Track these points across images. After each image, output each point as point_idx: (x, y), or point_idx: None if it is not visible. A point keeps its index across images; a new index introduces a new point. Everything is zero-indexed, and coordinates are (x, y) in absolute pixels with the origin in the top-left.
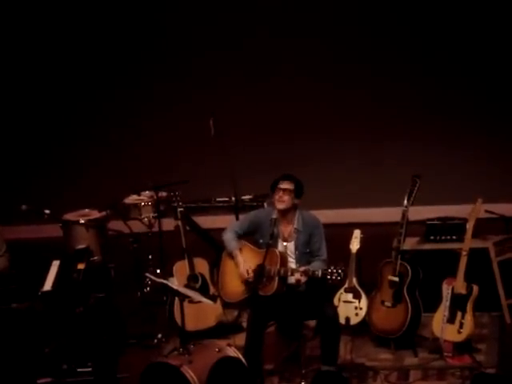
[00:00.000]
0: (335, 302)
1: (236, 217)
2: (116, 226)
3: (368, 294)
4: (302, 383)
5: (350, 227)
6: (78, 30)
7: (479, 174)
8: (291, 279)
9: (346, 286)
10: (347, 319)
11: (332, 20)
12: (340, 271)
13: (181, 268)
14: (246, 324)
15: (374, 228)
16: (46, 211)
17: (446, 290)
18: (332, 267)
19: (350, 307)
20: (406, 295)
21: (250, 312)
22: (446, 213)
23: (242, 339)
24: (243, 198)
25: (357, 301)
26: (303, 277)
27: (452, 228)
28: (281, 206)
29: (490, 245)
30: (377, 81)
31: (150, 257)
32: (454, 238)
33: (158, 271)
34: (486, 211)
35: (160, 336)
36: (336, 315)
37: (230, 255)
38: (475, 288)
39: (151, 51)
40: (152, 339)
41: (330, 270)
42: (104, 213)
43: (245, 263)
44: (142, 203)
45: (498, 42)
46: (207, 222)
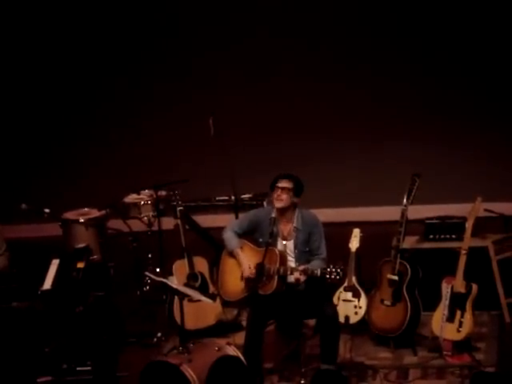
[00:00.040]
0: (335, 300)
1: (236, 216)
2: (115, 224)
3: (367, 293)
4: (302, 382)
5: (349, 226)
6: (78, 30)
7: (478, 173)
8: (291, 278)
9: (346, 284)
10: (347, 318)
11: (332, 20)
12: (339, 270)
13: (180, 267)
14: (245, 323)
15: (373, 227)
16: (46, 210)
17: (446, 289)
18: (331, 266)
19: (350, 306)
20: (406, 294)
21: (249, 311)
22: (446, 212)
23: (241, 338)
24: (243, 196)
25: (356, 299)
26: (302, 276)
27: (451, 227)
28: (279, 205)
29: (489, 243)
30: (377, 81)
31: (150, 256)
32: (454, 236)
33: (158, 270)
34: (486, 210)
35: (159, 335)
36: (335, 314)
37: (231, 254)
38: (474, 287)
39: (151, 51)
40: (151, 338)
41: (329, 269)
42: (103, 212)
43: (246, 260)
44: (142, 202)
45: (498, 41)
46: (207, 220)
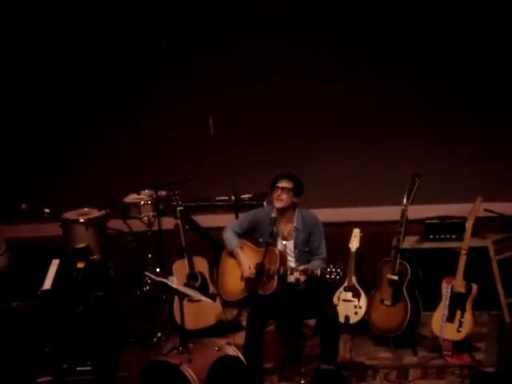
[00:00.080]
0: (335, 300)
1: (236, 216)
2: (115, 224)
3: (367, 293)
4: (302, 382)
5: (349, 226)
6: (78, 31)
7: (478, 173)
8: (290, 278)
9: (346, 284)
10: (347, 318)
11: (332, 20)
12: (339, 270)
13: (180, 267)
14: (245, 323)
15: (373, 227)
16: (46, 210)
17: (446, 289)
18: (331, 266)
19: (350, 306)
20: (406, 294)
21: (249, 311)
22: (446, 212)
23: (241, 338)
24: (243, 196)
25: (356, 299)
26: (302, 276)
27: (451, 227)
28: (279, 205)
29: (489, 243)
30: (377, 81)
31: (150, 256)
32: (454, 236)
33: (158, 270)
34: (486, 210)
35: (159, 335)
36: (335, 314)
37: (231, 254)
38: (474, 287)
39: (151, 51)
40: (151, 338)
41: (329, 269)
42: (103, 212)
43: (246, 260)
44: (142, 202)
45: (498, 41)
46: (207, 220)
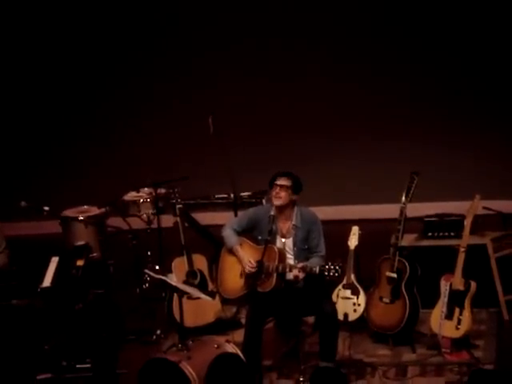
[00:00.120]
0: (333, 298)
1: (235, 213)
2: (115, 222)
3: (366, 291)
4: (301, 379)
5: (348, 224)
6: (77, 30)
7: (477, 171)
8: (289, 275)
9: (345, 282)
10: (345, 315)
11: (332, 20)
12: (338, 267)
13: (180, 264)
14: (244, 320)
15: (372, 225)
16: (45, 208)
17: (444, 287)
18: (330, 263)
19: (349, 303)
20: (404, 291)
21: (248, 308)
22: (444, 209)
23: (240, 335)
24: (242, 194)
25: (355, 297)
26: (301, 273)
27: (450, 224)
28: (277, 202)
29: (487, 241)
30: (376, 80)
31: (149, 253)
32: (452, 234)
33: (157, 267)
34: (484, 208)
35: (159, 332)
36: (334, 311)
37: (230, 251)
38: (473, 284)
39: (151, 51)
40: (151, 335)
41: (327, 267)
42: (103, 209)
43: (246, 256)
44: (141, 200)
45: (498, 41)
46: (206, 218)
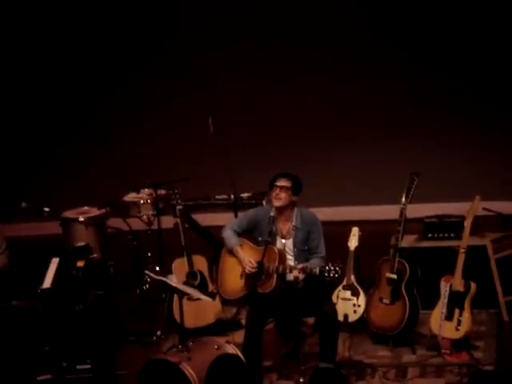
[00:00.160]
0: (334, 299)
1: (235, 214)
2: (115, 223)
3: (366, 292)
4: (301, 380)
5: (348, 225)
6: (77, 30)
7: (477, 172)
8: (289, 276)
9: (345, 283)
10: (345, 316)
11: (332, 20)
12: (338, 268)
13: (180, 265)
14: (244, 321)
15: (372, 226)
16: (46, 209)
17: (444, 288)
18: (330, 264)
19: (349, 304)
20: (404, 292)
21: (248, 309)
22: (444, 210)
23: (240, 336)
24: (242, 195)
25: (355, 298)
26: (301, 274)
27: (450, 225)
28: (277, 204)
29: (487, 242)
30: (376, 80)
31: (149, 254)
32: (452, 235)
33: (157, 268)
34: (484, 209)
35: (159, 333)
36: (334, 312)
37: (230, 252)
38: (473, 285)
39: (151, 51)
40: (151, 336)
41: (327, 268)
42: (103, 210)
43: (247, 257)
44: (142, 201)
45: (498, 41)
46: (206, 219)
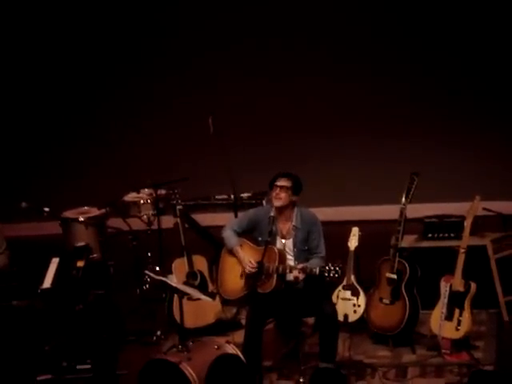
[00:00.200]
0: (334, 299)
1: (235, 214)
2: (115, 223)
3: (366, 292)
4: (301, 380)
5: (348, 225)
6: (77, 30)
7: (477, 172)
8: (289, 276)
9: (345, 283)
10: (345, 316)
11: (332, 19)
12: (338, 268)
13: (180, 265)
14: (244, 321)
15: (372, 225)
16: (46, 209)
17: (444, 288)
18: (330, 264)
19: (349, 304)
20: (404, 292)
21: (248, 309)
22: (444, 210)
23: (240, 336)
24: (242, 195)
25: (355, 298)
26: (301, 274)
27: (450, 225)
28: (278, 203)
29: (487, 242)
30: (376, 80)
31: (149, 254)
32: (452, 235)
33: (157, 268)
34: (484, 209)
35: (159, 333)
36: (334, 312)
37: (230, 252)
38: (473, 285)
39: (151, 51)
40: (151, 336)
41: (327, 267)
42: (103, 210)
43: (247, 257)
44: (142, 201)
45: (498, 41)
46: (206, 219)
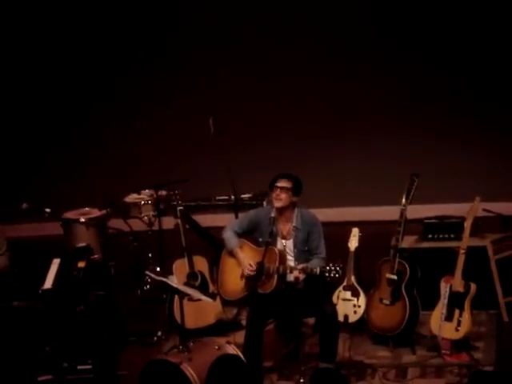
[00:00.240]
0: (334, 299)
1: (235, 215)
2: (116, 224)
3: (366, 292)
4: (301, 380)
5: (348, 225)
6: (77, 30)
7: (477, 173)
8: (290, 277)
9: (345, 283)
10: (346, 317)
11: (332, 19)
12: (338, 268)
13: (180, 266)
14: (245, 322)
15: (372, 226)
16: (47, 210)
17: (444, 288)
18: (330, 264)
19: (349, 305)
20: (404, 293)
21: (249, 310)
22: (444, 211)
23: (241, 337)
24: (242, 196)
25: (355, 299)
26: (302, 274)
27: (450, 226)
28: (278, 204)
29: (487, 243)
30: (377, 80)
31: (150, 255)
32: (452, 236)
33: (158, 269)
34: (484, 210)
35: (160, 334)
36: (335, 313)
37: (231, 253)
38: (473, 286)
39: (151, 50)
40: (152, 337)
41: (328, 268)
42: (104, 211)
43: (247, 258)
44: (142, 202)
45: (498, 41)
46: (207, 220)
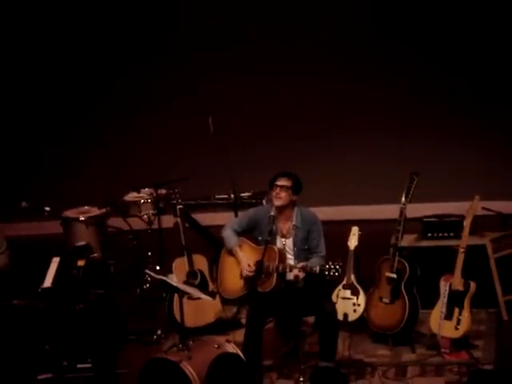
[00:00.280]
0: (333, 298)
1: (235, 214)
2: (116, 223)
3: (366, 291)
4: (301, 379)
5: (348, 224)
6: (77, 30)
7: (477, 172)
8: (290, 275)
9: (345, 282)
10: (345, 315)
11: (332, 19)
12: (338, 267)
13: (180, 265)
14: (244, 320)
15: (372, 225)
16: (46, 208)
17: (444, 287)
18: (330, 263)
19: (348, 304)
20: (404, 292)
21: (248, 308)
22: (444, 210)
23: (240, 335)
24: (242, 195)
25: (355, 297)
26: (301, 273)
27: (449, 225)
28: (278, 203)
29: (487, 242)
30: (377, 78)
31: (150, 254)
32: (452, 234)
33: (158, 268)
34: (484, 208)
35: (159, 332)
36: (334, 311)
37: (230, 252)
38: (472, 285)
39: (151, 50)
40: (151, 335)
41: (327, 266)
42: (104, 210)
43: (245, 258)
44: (142, 200)
45: (498, 41)
46: (206, 219)
